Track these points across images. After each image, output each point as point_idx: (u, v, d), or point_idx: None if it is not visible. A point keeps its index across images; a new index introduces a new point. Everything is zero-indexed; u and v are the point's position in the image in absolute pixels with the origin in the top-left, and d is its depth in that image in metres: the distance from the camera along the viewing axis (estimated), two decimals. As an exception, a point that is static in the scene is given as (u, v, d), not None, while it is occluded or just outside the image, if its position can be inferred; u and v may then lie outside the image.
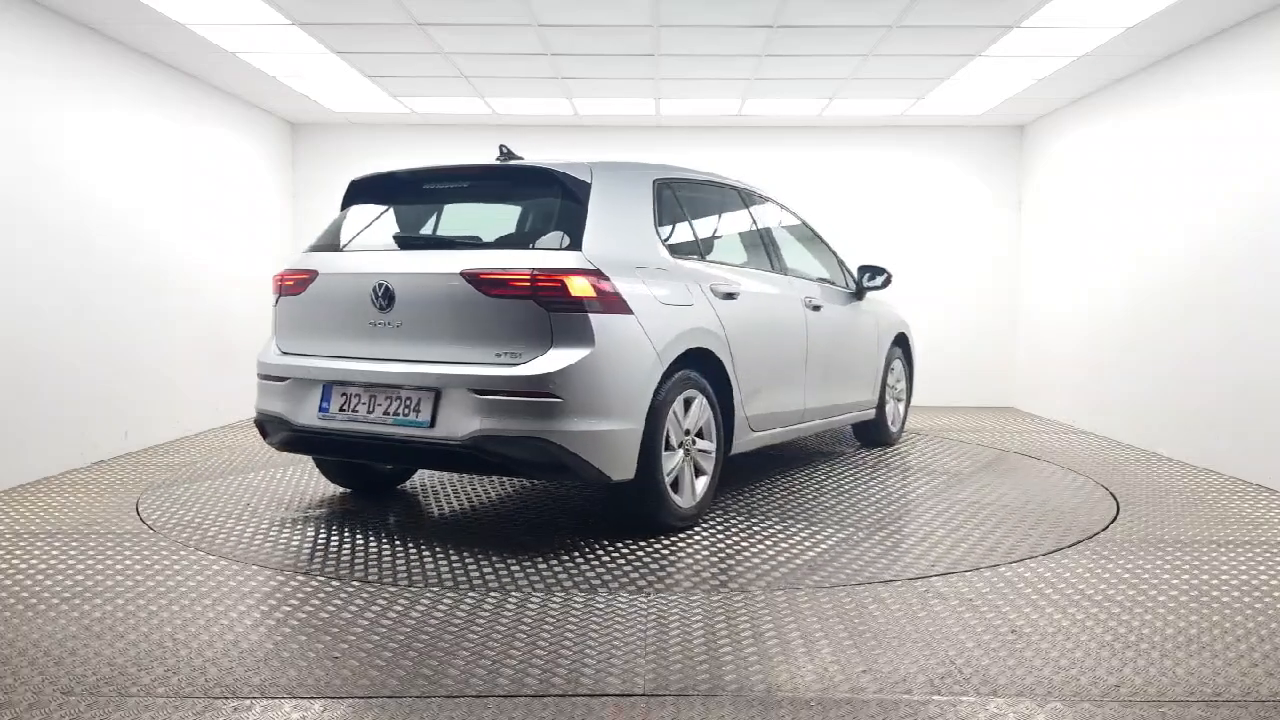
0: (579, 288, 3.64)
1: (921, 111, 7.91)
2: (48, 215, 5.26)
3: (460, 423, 3.65)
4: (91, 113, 5.68)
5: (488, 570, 3.55)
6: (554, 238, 3.88)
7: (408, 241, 4.22)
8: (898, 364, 6.55)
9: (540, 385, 3.55)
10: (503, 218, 4.36)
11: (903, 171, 8.71)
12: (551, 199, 4.04)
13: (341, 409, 3.94)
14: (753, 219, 5.23)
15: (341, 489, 4.94)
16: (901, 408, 6.68)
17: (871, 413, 6.20)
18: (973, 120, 8.31)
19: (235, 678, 2.55)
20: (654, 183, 4.35)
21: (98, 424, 5.68)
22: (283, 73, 6.73)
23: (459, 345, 3.75)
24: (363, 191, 4.42)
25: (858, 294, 5.94)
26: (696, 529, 4.17)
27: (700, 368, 4.19)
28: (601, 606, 3.15)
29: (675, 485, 4.05)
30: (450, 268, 3.78)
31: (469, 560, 3.68)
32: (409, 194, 4.42)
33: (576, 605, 3.17)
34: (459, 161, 4.37)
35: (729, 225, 5.20)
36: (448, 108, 7.82)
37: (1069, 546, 3.93)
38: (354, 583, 3.40)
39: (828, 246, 5.97)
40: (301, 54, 6.20)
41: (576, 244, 3.79)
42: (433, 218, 4.38)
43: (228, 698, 2.43)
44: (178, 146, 6.66)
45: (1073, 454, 6.20)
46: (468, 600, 3.21)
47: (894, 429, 6.53)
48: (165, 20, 5.47)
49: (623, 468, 3.75)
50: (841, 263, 6.00)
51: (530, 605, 3.16)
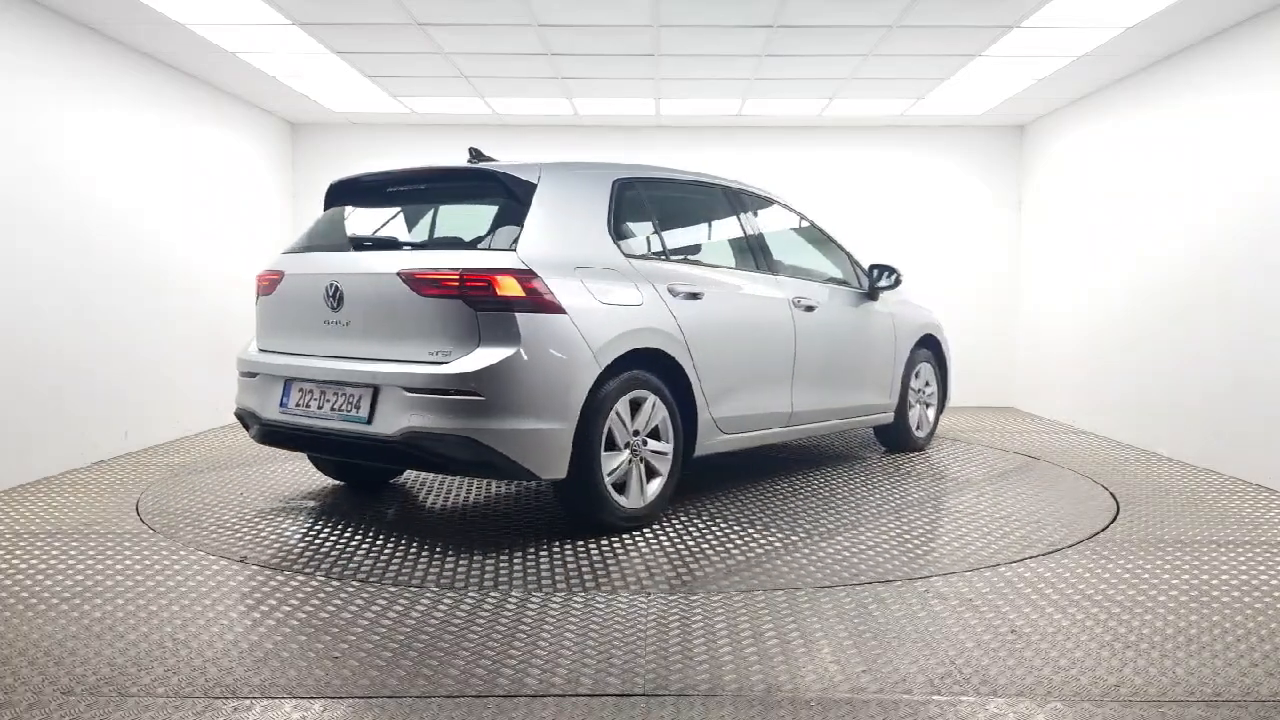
0: (506, 287, 3.69)
1: (921, 111, 7.91)
2: (48, 215, 5.26)
3: (394, 419, 3.72)
4: (92, 112, 5.68)
5: (487, 570, 3.55)
6: (492, 238, 3.94)
7: (358, 243, 4.29)
8: (925, 367, 6.34)
9: (463, 383, 3.61)
10: (453, 219, 4.39)
11: (903, 172, 8.70)
12: (496, 200, 4.11)
13: (298, 404, 4.08)
14: (739, 219, 5.13)
15: (336, 482, 5.06)
16: (931, 413, 6.44)
17: (889, 417, 6.01)
18: (973, 120, 8.32)
19: (235, 678, 2.55)
20: (614, 183, 4.35)
21: (98, 424, 5.68)
22: (283, 73, 6.73)
23: (397, 343, 3.84)
24: (339, 194, 4.55)
25: (870, 294, 5.80)
26: (697, 529, 4.17)
27: (654, 368, 4.17)
28: (601, 606, 3.16)
29: (622, 485, 4.05)
30: (389, 268, 3.88)
31: (469, 560, 3.68)
32: (374, 197, 4.52)
33: (576, 605, 3.17)
34: (418, 164, 4.42)
35: (707, 225, 5.15)
36: (448, 108, 7.82)
37: (1069, 546, 3.93)
38: (354, 583, 3.40)
39: (838, 246, 5.82)
40: (301, 54, 6.20)
41: (513, 244, 3.83)
42: (390, 220, 4.45)
43: (228, 698, 2.43)
44: (178, 146, 6.66)
45: (1073, 454, 6.20)
46: (468, 600, 3.21)
47: (919, 434, 6.30)
48: (165, 20, 5.47)
49: (552, 467, 3.76)
50: (855, 263, 5.85)
51: (530, 605, 3.16)
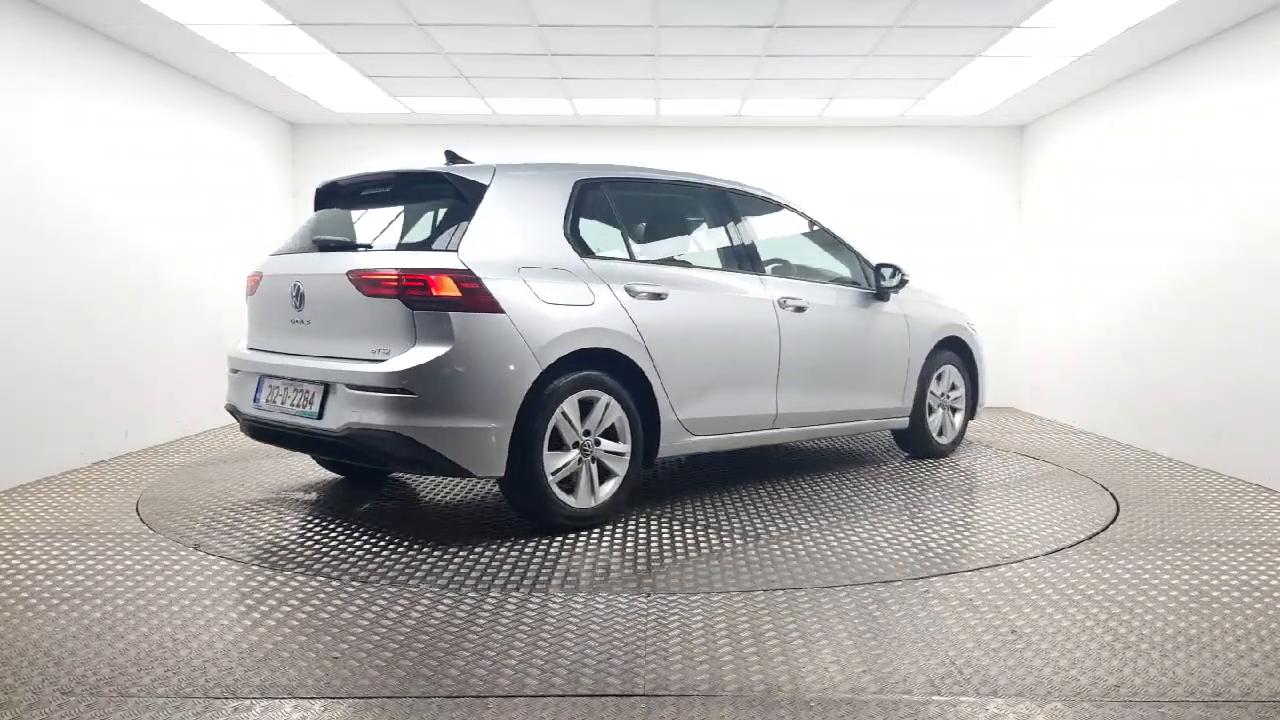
0: (443, 287, 3.76)
1: (922, 112, 7.90)
2: (47, 215, 5.26)
3: (339, 415, 3.84)
4: (92, 113, 5.67)
5: (488, 570, 3.55)
6: (437, 239, 4.00)
7: (321, 244, 4.34)
8: (949, 369, 6.09)
9: (397, 381, 3.69)
10: (412, 221, 4.44)
11: (903, 172, 8.70)
12: (446, 202, 4.20)
13: (268, 400, 4.25)
14: (725, 219, 5.03)
15: (335, 477, 5.28)
16: (958, 418, 6.20)
17: (904, 421, 5.80)
18: (973, 120, 8.31)
19: (235, 678, 2.55)
20: (576, 184, 4.35)
21: (98, 424, 5.68)
22: (283, 73, 6.73)
23: (346, 342, 3.96)
24: (324, 197, 4.68)
25: (879, 294, 5.61)
26: (699, 528, 4.17)
27: (610, 368, 4.17)
28: (601, 606, 3.16)
29: (570, 485, 4.06)
30: (340, 269, 4.00)
31: (469, 559, 3.68)
32: (351, 200, 4.60)
33: (577, 605, 3.17)
34: (384, 168, 4.47)
35: (684, 226, 5.12)
36: (448, 108, 7.82)
37: (1069, 546, 3.93)
38: (354, 583, 3.40)
39: (845, 246, 5.67)
40: (301, 54, 6.20)
41: (456, 245, 3.88)
42: (358, 221, 4.52)
43: (228, 698, 2.43)
44: (178, 147, 6.66)
45: (1073, 454, 6.19)
46: (468, 600, 3.21)
47: (942, 440, 6.06)
48: (165, 20, 5.47)
49: (488, 464, 3.80)
50: (865, 263, 5.68)
51: (530, 605, 3.16)
